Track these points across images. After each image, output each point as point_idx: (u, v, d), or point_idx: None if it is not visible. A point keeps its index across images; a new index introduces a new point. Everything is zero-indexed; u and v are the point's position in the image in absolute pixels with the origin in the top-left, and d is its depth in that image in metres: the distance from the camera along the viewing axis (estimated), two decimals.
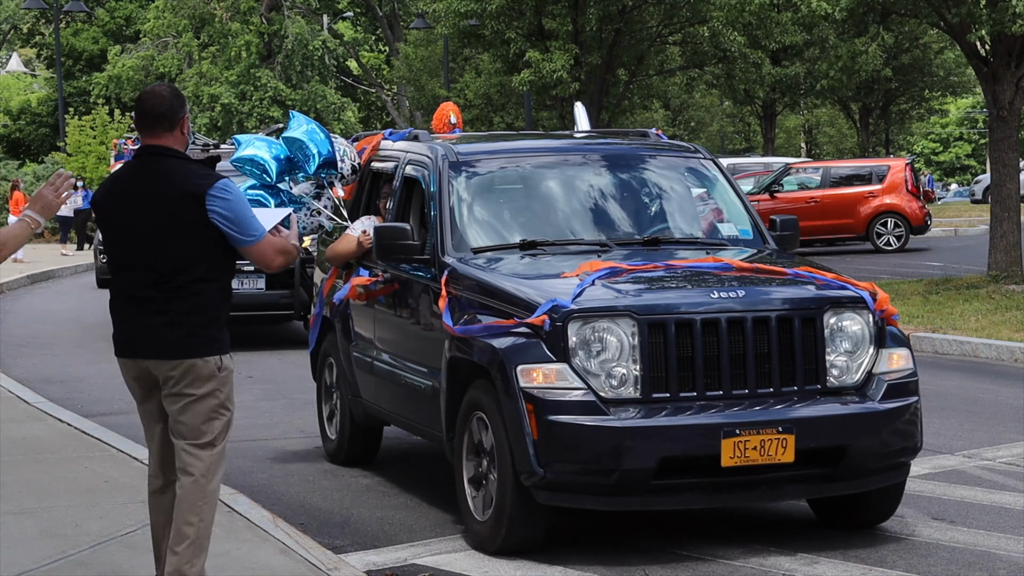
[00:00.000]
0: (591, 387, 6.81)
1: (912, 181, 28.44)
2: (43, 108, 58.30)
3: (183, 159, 5.68)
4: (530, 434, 6.76)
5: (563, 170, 8.55)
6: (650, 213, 8.54)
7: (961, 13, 18.14)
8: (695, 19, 32.01)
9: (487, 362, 7.06)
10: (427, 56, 50.28)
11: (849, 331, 7.18)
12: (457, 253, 7.89)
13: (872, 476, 7.18)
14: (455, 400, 7.52)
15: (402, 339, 8.59)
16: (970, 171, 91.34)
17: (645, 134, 9.44)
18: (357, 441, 9.49)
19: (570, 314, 6.85)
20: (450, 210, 8.11)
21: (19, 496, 8.10)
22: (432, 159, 8.47)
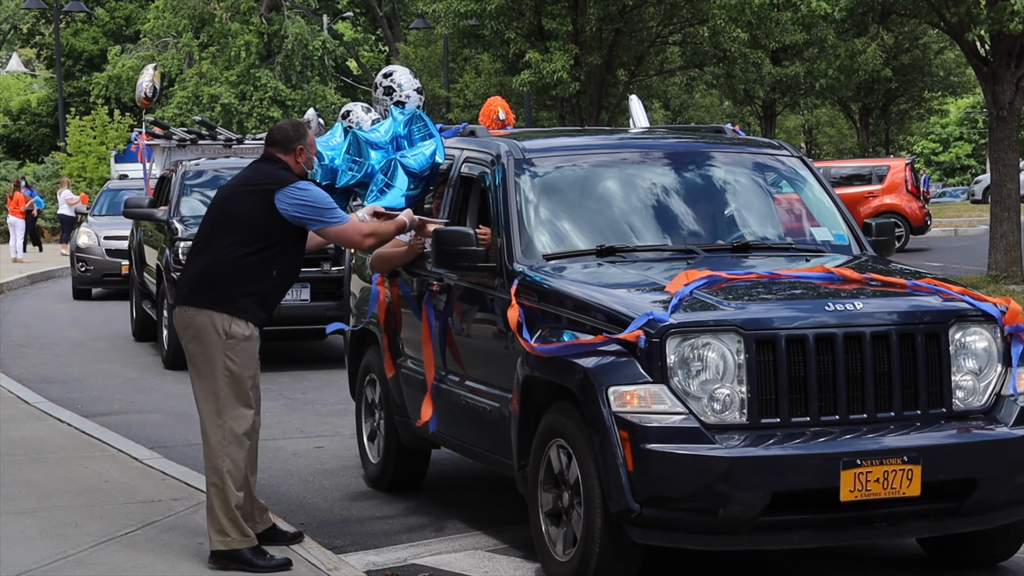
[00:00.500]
0: (692, 411, 6.07)
1: (912, 181, 28.44)
2: (43, 108, 58.29)
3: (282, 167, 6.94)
4: (624, 464, 6.05)
5: (637, 169, 7.81)
6: (734, 216, 7.79)
7: (960, 12, 18.15)
8: (695, 19, 32.00)
9: (572, 383, 6.31)
10: (427, 56, 50.29)
11: (976, 348, 6.42)
12: (527, 260, 7.17)
13: (1000, 511, 6.40)
14: (530, 425, 6.80)
15: (466, 354, 7.73)
16: (970, 171, 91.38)
17: (720, 130, 8.68)
18: (404, 465, 8.75)
19: (668, 329, 6.10)
20: (518, 213, 7.39)
21: (19, 496, 8.10)
22: (495, 157, 7.74)
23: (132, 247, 17.87)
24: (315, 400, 12.52)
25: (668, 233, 7.49)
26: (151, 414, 11.86)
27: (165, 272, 14.44)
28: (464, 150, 8.23)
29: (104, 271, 22.94)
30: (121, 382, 13.80)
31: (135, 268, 17.42)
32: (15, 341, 17.18)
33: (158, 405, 12.34)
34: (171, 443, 10.40)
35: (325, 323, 13.64)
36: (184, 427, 11.18)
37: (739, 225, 7.69)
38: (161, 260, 14.77)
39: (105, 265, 22.91)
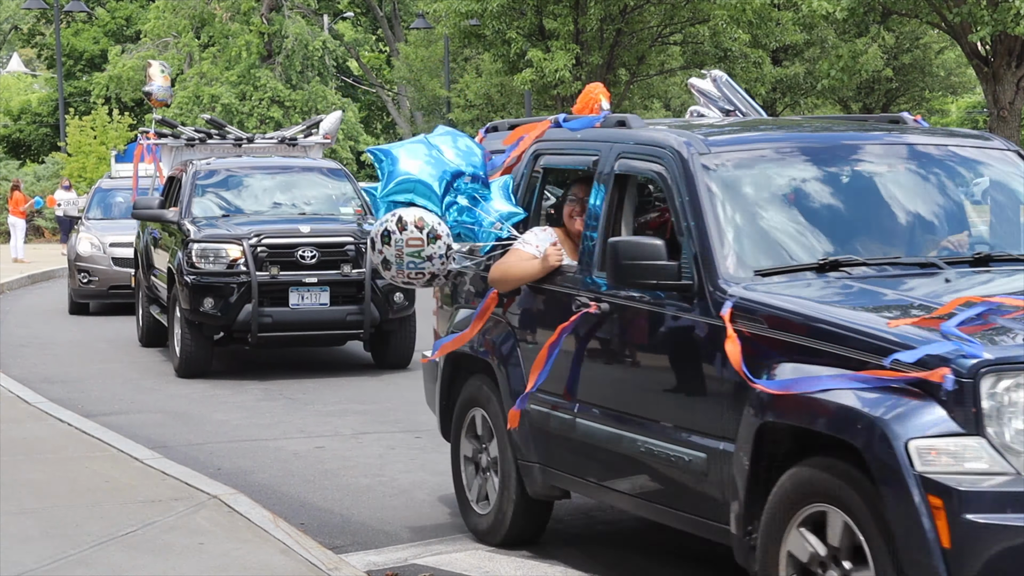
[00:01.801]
0: (1019, 471, 4.83)
1: None
2: (43, 108, 58.30)
3: None
4: (936, 541, 4.76)
5: (846, 166, 6.57)
6: (964, 220, 6.58)
7: (962, 13, 18.14)
8: (696, 19, 32.02)
9: (851, 434, 5.03)
10: (427, 56, 50.29)
11: None
12: (738, 277, 5.89)
13: None
14: (763, 484, 5.50)
15: (644, 392, 6.35)
16: None
17: (899, 120, 7.26)
18: (526, 517, 7.34)
19: (983, 366, 4.87)
20: (715, 219, 6.09)
21: (19, 496, 8.09)
22: (673, 152, 6.39)
23: (139, 250, 17.06)
24: (315, 400, 12.51)
25: (898, 242, 6.29)
26: (151, 414, 11.86)
27: (178, 275, 13.75)
28: (614, 144, 6.87)
29: (111, 282, 20.55)
30: (121, 382, 13.79)
31: (142, 272, 16.61)
32: (15, 341, 17.17)
33: (158, 405, 12.33)
34: (171, 443, 10.39)
35: (345, 328, 13.72)
36: (184, 427, 11.18)
37: (970, 232, 6.51)
38: (173, 263, 14.09)
39: (111, 276, 20.54)
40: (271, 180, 15.38)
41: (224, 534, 7.20)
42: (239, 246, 13.51)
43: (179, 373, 13.91)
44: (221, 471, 9.30)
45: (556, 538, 7.52)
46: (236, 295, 13.43)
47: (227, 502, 7.78)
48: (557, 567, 6.99)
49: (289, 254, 13.56)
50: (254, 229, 13.74)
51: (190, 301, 13.49)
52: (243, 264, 13.45)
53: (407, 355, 14.18)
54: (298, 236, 13.69)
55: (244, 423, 11.35)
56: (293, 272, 13.53)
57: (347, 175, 15.65)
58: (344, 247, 13.71)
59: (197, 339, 13.76)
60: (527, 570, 6.96)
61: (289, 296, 13.50)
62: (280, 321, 13.53)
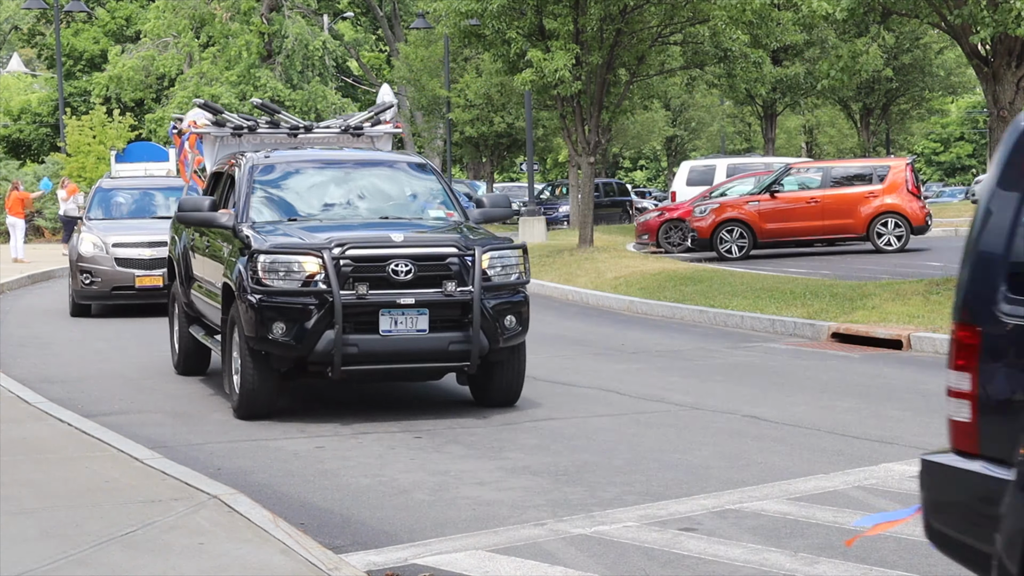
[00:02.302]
0: None
1: (912, 181, 28.44)
2: (43, 108, 58.33)
3: None
4: None
5: None
6: None
7: (963, 14, 18.13)
8: (696, 19, 32.01)
9: None
10: (427, 56, 50.28)
11: None
12: None
13: None
14: None
15: None
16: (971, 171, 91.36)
17: None
18: None
19: None
20: None
21: (19, 496, 8.10)
22: None
23: (174, 257, 14.59)
24: (315, 400, 12.51)
25: None
26: (151, 414, 11.86)
27: (239, 294, 11.26)
28: None
29: (114, 283, 20.24)
30: (121, 382, 13.79)
31: (180, 284, 14.20)
32: (15, 341, 17.17)
33: (158, 405, 12.33)
34: (171, 443, 10.40)
35: (446, 359, 11.21)
36: (184, 427, 11.18)
37: None
38: (230, 277, 11.60)
39: (115, 276, 20.23)
40: (344, 177, 12.89)
41: (224, 534, 7.21)
42: (317, 258, 10.97)
43: (239, 413, 11.53)
44: (221, 471, 9.30)
45: (556, 538, 7.53)
46: (314, 319, 10.89)
47: (227, 502, 7.79)
48: (557, 567, 6.99)
49: (379, 268, 11.03)
50: (334, 237, 11.18)
51: (255, 326, 11.02)
52: (322, 280, 10.92)
53: (515, 390, 11.89)
54: (389, 246, 11.16)
55: (244, 423, 11.35)
56: (384, 291, 11.02)
57: (435, 171, 13.23)
58: (446, 260, 11.22)
59: (262, 372, 11.25)
60: (527, 570, 6.96)
61: (379, 320, 10.99)
62: (368, 351, 11.01)
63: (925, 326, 15.64)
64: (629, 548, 7.32)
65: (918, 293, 18.47)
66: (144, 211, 22.29)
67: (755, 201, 28.34)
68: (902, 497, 8.36)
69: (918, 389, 12.47)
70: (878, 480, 8.83)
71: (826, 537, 7.49)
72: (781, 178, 29.01)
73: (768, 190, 28.53)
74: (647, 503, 8.31)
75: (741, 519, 7.91)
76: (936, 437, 10.13)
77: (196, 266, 13.60)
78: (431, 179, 13.02)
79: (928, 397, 12.01)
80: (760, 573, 6.88)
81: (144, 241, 20.46)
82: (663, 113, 64.55)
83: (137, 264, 20.32)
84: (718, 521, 7.86)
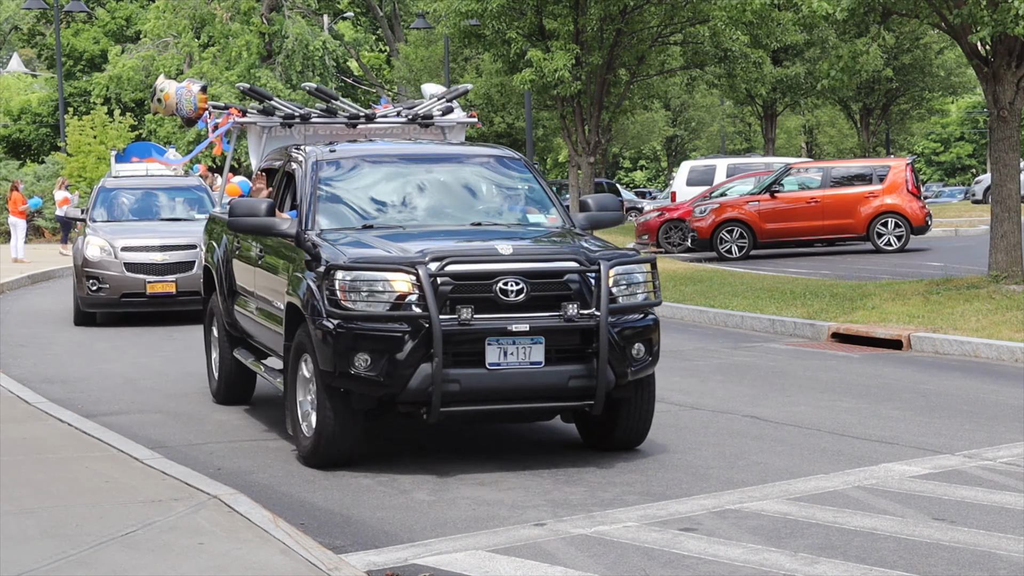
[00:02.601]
0: None
1: (913, 181, 28.44)
2: (43, 108, 58.35)
3: None
4: None
5: None
6: None
7: (963, 14, 18.13)
8: (696, 19, 32.02)
9: None
10: (427, 56, 50.32)
11: None
12: None
13: None
14: None
15: None
16: (971, 171, 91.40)
17: None
18: None
19: None
20: None
21: (19, 496, 8.10)
22: None
23: (212, 265, 12.53)
24: None
25: None
26: (151, 414, 11.86)
27: (312, 316, 9.18)
28: None
29: (123, 290, 19.09)
30: (121, 382, 13.78)
31: (220, 298, 12.15)
32: (15, 341, 17.17)
33: (158, 405, 12.33)
34: (171, 443, 10.39)
35: (565, 398, 9.20)
36: (184, 427, 11.18)
37: None
38: (297, 296, 9.56)
39: (124, 282, 19.09)
40: (424, 175, 10.79)
41: (224, 534, 7.21)
42: (410, 275, 8.96)
43: (311, 461, 9.48)
44: (221, 471, 9.30)
45: (556, 538, 7.53)
46: (407, 350, 8.89)
47: (227, 502, 7.79)
48: (557, 567, 6.99)
49: (485, 287, 9.03)
50: (428, 249, 9.17)
51: (334, 357, 9.00)
52: (416, 302, 8.93)
53: (640, 433, 9.90)
54: (497, 259, 9.14)
55: (244, 423, 11.35)
56: (492, 315, 9.01)
57: (530, 167, 11.16)
58: (564, 276, 9.24)
59: (341, 412, 9.25)
60: (527, 570, 6.96)
61: (486, 351, 8.99)
62: (472, 389, 9.01)
63: (925, 326, 15.63)
64: (629, 548, 7.33)
65: (918, 293, 18.47)
66: (150, 212, 21.31)
67: (755, 201, 28.34)
68: (902, 497, 8.36)
69: (918, 389, 12.47)
70: (878, 480, 8.83)
71: (826, 537, 7.49)
72: (781, 178, 29.01)
73: (768, 190, 28.53)
74: (647, 503, 8.31)
75: (741, 519, 7.91)
76: (936, 437, 10.16)
77: (242, 278, 11.67)
78: (527, 176, 11.00)
79: (928, 397, 12.01)
80: (760, 573, 6.88)
81: (155, 244, 19.41)
82: (663, 113, 64.58)
83: (148, 269, 19.23)
84: (718, 521, 7.86)
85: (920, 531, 7.61)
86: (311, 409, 9.44)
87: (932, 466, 9.20)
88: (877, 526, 7.69)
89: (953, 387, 12.56)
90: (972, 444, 9.91)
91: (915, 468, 9.16)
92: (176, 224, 20.51)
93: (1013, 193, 19.31)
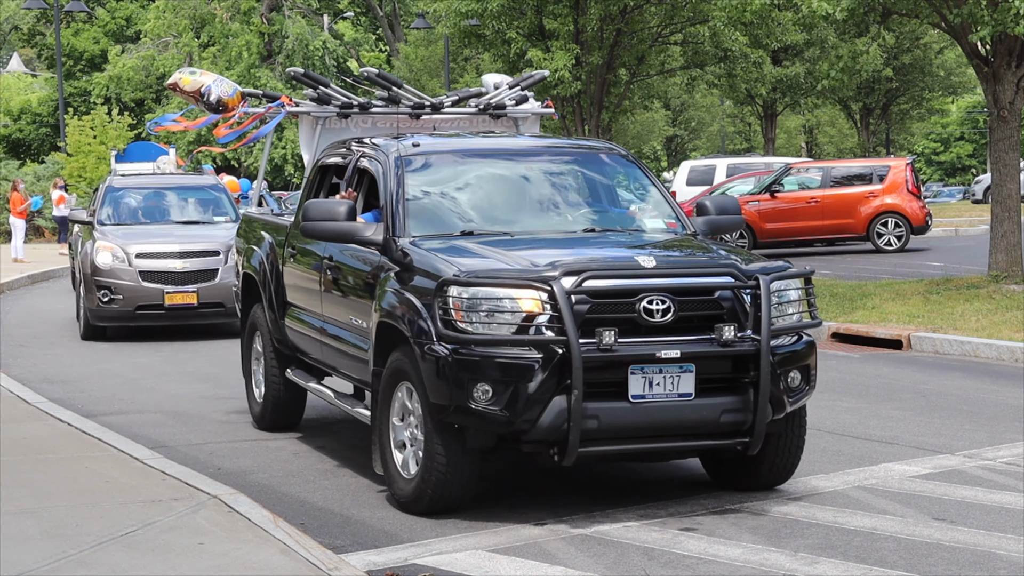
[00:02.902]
0: None
1: (913, 181, 28.45)
2: (44, 108, 58.37)
3: None
4: None
5: None
6: None
7: (962, 14, 18.13)
8: (696, 19, 32.03)
9: None
10: (427, 56, 50.32)
11: None
12: None
13: None
14: None
15: None
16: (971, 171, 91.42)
17: None
18: None
19: None
20: None
21: (19, 496, 8.10)
22: None
23: (253, 271, 11.08)
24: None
25: None
26: (151, 414, 11.86)
27: (418, 340, 7.80)
28: None
29: (138, 301, 17.18)
30: (121, 382, 13.78)
31: (267, 309, 10.70)
32: (15, 341, 17.17)
33: (158, 405, 12.33)
34: (171, 443, 10.40)
35: (717, 435, 7.93)
36: (184, 427, 11.18)
37: None
38: (390, 313, 8.18)
39: (140, 293, 17.19)
40: (524, 172, 9.45)
41: (224, 534, 7.21)
42: (540, 291, 7.60)
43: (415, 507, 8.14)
44: (221, 471, 9.30)
45: (556, 538, 7.53)
46: (537, 380, 7.53)
47: (227, 502, 7.79)
48: (557, 567, 6.99)
49: (627, 306, 7.71)
50: (559, 260, 7.86)
51: (449, 389, 7.65)
52: (547, 324, 7.59)
53: (790, 467, 8.63)
54: (640, 274, 7.84)
55: (244, 423, 11.35)
56: (636, 339, 7.70)
57: (639, 164, 9.85)
58: (715, 293, 7.96)
59: (454, 453, 7.90)
60: (527, 570, 6.96)
61: (629, 381, 7.67)
62: (613, 425, 7.71)
63: (925, 326, 15.63)
64: (629, 548, 7.32)
65: (918, 293, 18.47)
66: (162, 214, 19.44)
67: (755, 201, 28.34)
68: (902, 497, 8.36)
69: (918, 389, 12.47)
70: (878, 480, 8.83)
71: (826, 537, 7.49)
72: (781, 178, 29.01)
73: (768, 190, 28.53)
74: (647, 503, 8.30)
75: (741, 519, 7.91)
76: (936, 437, 10.15)
77: (298, 288, 10.28)
78: (636, 174, 9.81)
79: (928, 397, 12.01)
80: (760, 573, 6.88)
81: (174, 251, 17.42)
82: (663, 113, 64.58)
83: (166, 278, 17.27)
84: (718, 521, 7.86)
85: (920, 531, 7.60)
86: (409, 445, 8.18)
87: (932, 466, 9.20)
88: (877, 526, 7.69)
89: (953, 387, 12.56)
90: (972, 444, 9.91)
91: (915, 468, 9.16)
92: (194, 228, 18.69)
93: (1013, 193, 19.32)
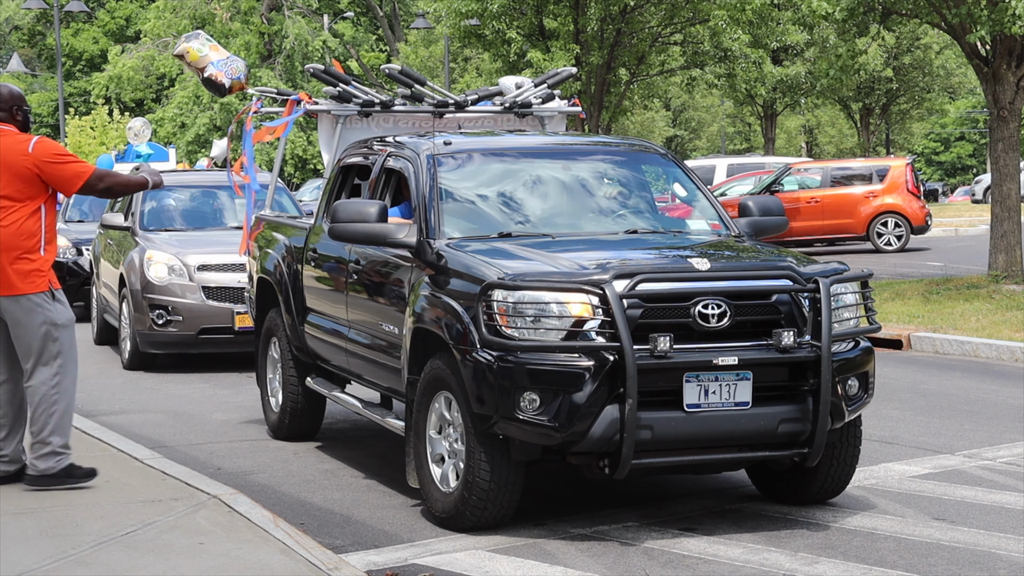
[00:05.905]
0: None
1: (913, 181, 28.46)
2: (43, 108, 58.37)
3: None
4: None
5: None
6: None
7: (961, 14, 18.14)
8: (696, 19, 32.04)
9: None
10: (427, 56, 50.33)
11: None
12: None
13: None
14: None
15: None
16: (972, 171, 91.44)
17: None
18: None
19: None
20: None
21: (19, 496, 8.10)
22: None
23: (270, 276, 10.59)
24: None
25: None
26: (151, 414, 11.86)
27: (457, 343, 7.46)
28: None
29: (203, 323, 14.11)
30: (121, 382, 13.78)
31: (285, 314, 10.28)
32: None
33: (158, 405, 12.34)
34: (171, 443, 10.40)
35: (774, 446, 7.53)
36: (184, 427, 11.18)
37: None
38: (427, 318, 7.84)
39: (205, 314, 14.11)
40: (560, 172, 9.09)
41: (224, 534, 7.21)
42: (591, 295, 7.22)
43: (456, 523, 7.74)
44: (221, 471, 9.31)
45: (556, 538, 7.53)
46: (588, 389, 7.13)
47: (227, 502, 7.79)
48: (557, 567, 7.00)
49: (681, 311, 7.33)
50: (609, 263, 7.52)
51: (495, 398, 7.26)
52: (597, 329, 7.21)
53: (844, 479, 8.20)
54: (695, 276, 7.48)
55: (244, 423, 11.36)
56: (691, 345, 7.33)
57: (678, 163, 9.51)
58: (772, 296, 7.57)
59: (498, 464, 7.50)
60: (527, 570, 6.96)
61: (684, 389, 7.29)
62: (667, 436, 7.33)
63: (925, 326, 15.64)
64: (629, 548, 7.33)
65: (918, 293, 18.48)
66: (212, 219, 15.92)
67: None
68: (902, 497, 8.36)
69: (918, 389, 12.47)
70: (878, 480, 8.84)
71: (826, 537, 7.49)
72: (781, 178, 29.02)
73: (768, 190, 28.53)
74: (647, 503, 8.31)
75: (741, 519, 7.91)
76: (936, 437, 10.16)
77: (319, 292, 9.89)
78: (676, 173, 9.50)
79: (928, 397, 12.01)
80: (760, 573, 6.88)
81: (242, 263, 13.07)
82: (663, 113, 64.59)
83: (236, 296, 14.04)
84: (718, 521, 7.87)
85: (920, 531, 7.61)
86: (448, 457, 7.81)
87: (932, 466, 9.20)
88: (877, 526, 7.70)
89: (953, 387, 12.56)
90: (972, 444, 9.92)
91: (915, 468, 9.17)
92: None
93: (1013, 193, 19.32)
